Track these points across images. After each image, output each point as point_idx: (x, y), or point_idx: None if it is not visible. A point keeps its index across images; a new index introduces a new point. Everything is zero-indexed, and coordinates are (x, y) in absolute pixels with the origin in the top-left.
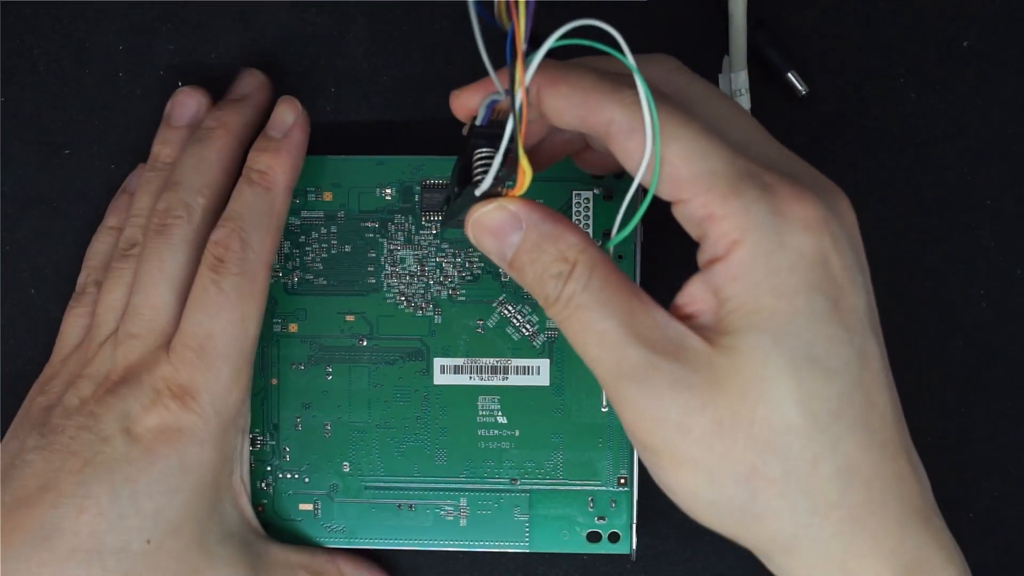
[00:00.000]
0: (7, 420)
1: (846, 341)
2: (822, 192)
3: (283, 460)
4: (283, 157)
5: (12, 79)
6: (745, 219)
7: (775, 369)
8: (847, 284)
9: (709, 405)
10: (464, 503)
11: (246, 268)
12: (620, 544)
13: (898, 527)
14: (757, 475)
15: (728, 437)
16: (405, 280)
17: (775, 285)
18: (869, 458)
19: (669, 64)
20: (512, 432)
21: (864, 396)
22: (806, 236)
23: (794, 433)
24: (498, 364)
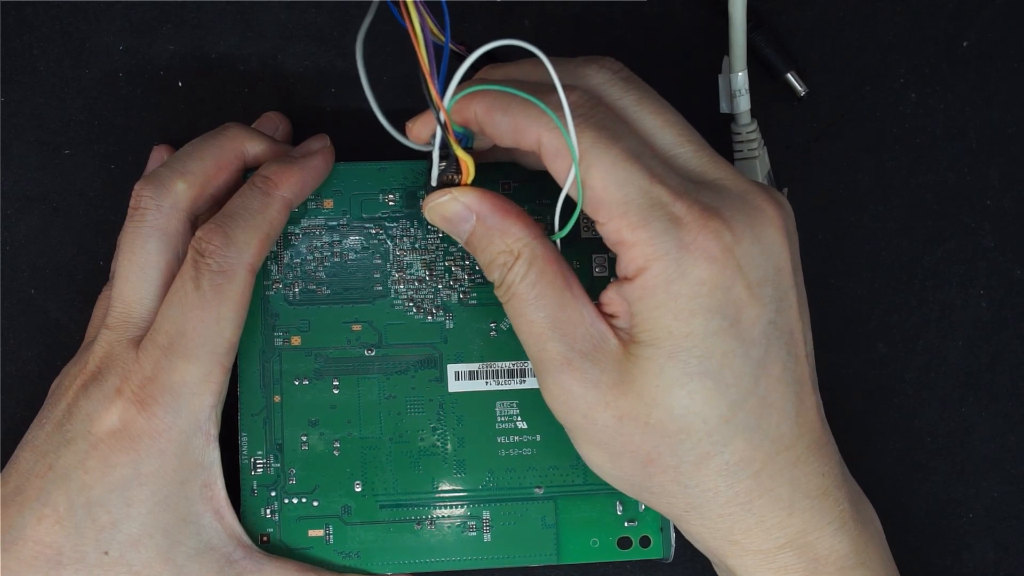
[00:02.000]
0: (7, 420)
1: (741, 355)
2: (740, 210)
3: (289, 484)
4: (294, 172)
5: (12, 79)
6: (651, 249)
7: (668, 380)
8: (750, 302)
9: (612, 403)
10: (487, 516)
11: (226, 266)
12: (652, 549)
13: (786, 507)
14: (652, 463)
15: (627, 430)
16: (413, 286)
17: (674, 309)
18: (760, 453)
19: (606, 74)
20: (533, 437)
21: (759, 400)
22: (707, 266)
23: (684, 434)
24: (515, 367)
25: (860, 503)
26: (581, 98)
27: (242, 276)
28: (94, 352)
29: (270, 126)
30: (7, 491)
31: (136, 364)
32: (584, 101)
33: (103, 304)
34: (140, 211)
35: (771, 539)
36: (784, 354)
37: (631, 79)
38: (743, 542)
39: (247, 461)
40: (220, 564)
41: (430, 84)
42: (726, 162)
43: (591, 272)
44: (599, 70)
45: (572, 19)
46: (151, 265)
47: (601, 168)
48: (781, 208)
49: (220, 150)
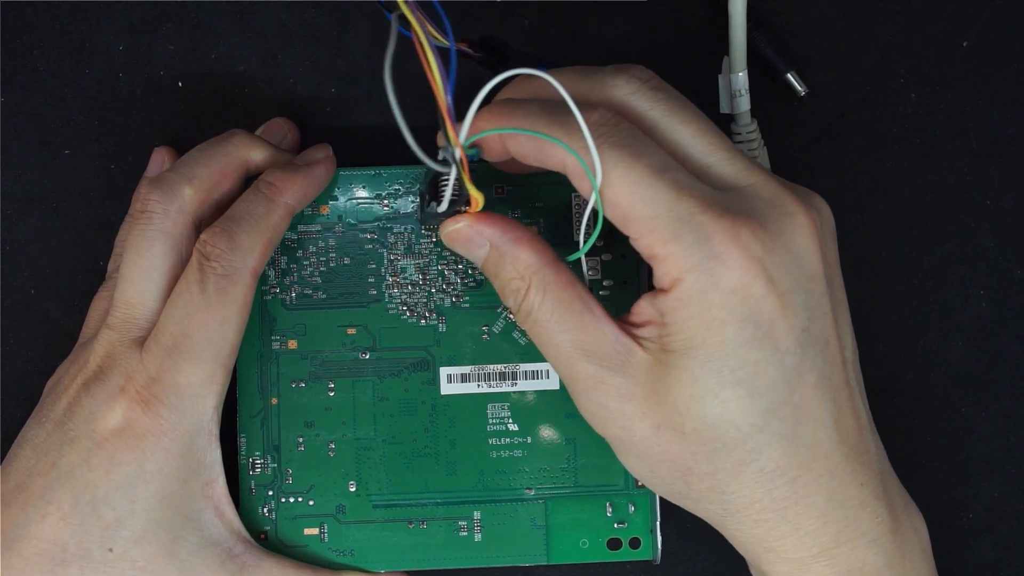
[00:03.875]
0: (7, 420)
1: (775, 363)
2: (772, 218)
3: (285, 483)
4: (298, 179)
5: (12, 79)
6: (683, 262)
7: (702, 389)
8: (782, 310)
9: (648, 414)
10: (478, 517)
11: (231, 269)
12: (642, 550)
13: (820, 516)
14: (690, 471)
15: (665, 440)
16: (407, 290)
17: (707, 319)
18: (795, 460)
19: (634, 83)
20: (524, 439)
21: (794, 408)
22: (739, 276)
23: (719, 443)
24: (506, 370)
25: (905, 514)
26: (603, 117)
27: (246, 280)
28: (95, 351)
29: (278, 132)
30: (8, 489)
31: (140, 364)
32: (606, 120)
33: (99, 304)
34: (147, 214)
35: (805, 548)
36: (820, 362)
37: (661, 87)
38: (778, 549)
39: (245, 461)
40: (222, 559)
41: (447, 123)
42: (760, 167)
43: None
44: (628, 80)
45: (572, 19)
46: (155, 268)
47: (626, 186)
48: (815, 214)
49: (226, 157)
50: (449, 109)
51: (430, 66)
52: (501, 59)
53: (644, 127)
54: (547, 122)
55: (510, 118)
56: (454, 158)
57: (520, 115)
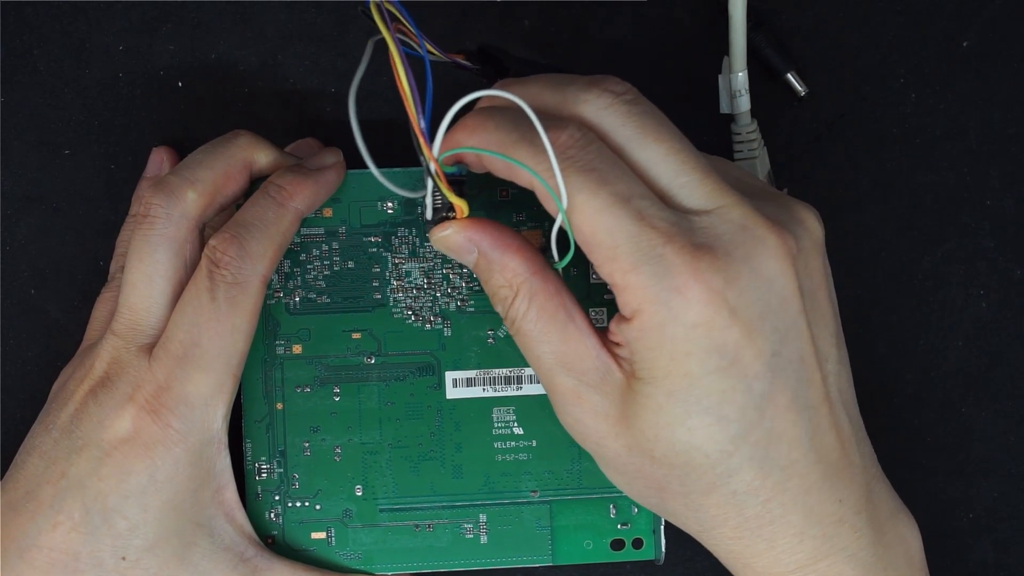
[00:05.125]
0: (7, 420)
1: (743, 390)
2: (739, 245)
3: (292, 488)
4: (308, 183)
5: (12, 79)
6: (642, 293)
7: (668, 417)
8: (748, 338)
9: (621, 435)
10: (483, 519)
11: (241, 278)
12: (644, 550)
13: (797, 534)
14: (663, 489)
15: (637, 460)
16: (412, 294)
17: (670, 351)
18: (768, 482)
19: (606, 97)
20: (529, 443)
21: (765, 431)
22: (699, 310)
23: (688, 468)
24: (511, 374)
25: (891, 523)
26: (571, 138)
27: (255, 287)
28: (100, 357)
29: (306, 151)
30: (16, 497)
31: (148, 372)
32: (574, 142)
33: (103, 306)
34: (150, 219)
35: (781, 564)
36: (794, 382)
37: (635, 102)
38: (755, 565)
39: (251, 466)
40: (234, 563)
41: (420, 138)
42: (731, 189)
43: (589, 278)
44: (600, 94)
45: (572, 19)
46: (160, 274)
47: (589, 214)
48: (788, 234)
49: (230, 159)
50: (420, 125)
51: (401, 81)
52: (499, 69)
53: (613, 144)
54: (516, 139)
55: (482, 133)
56: (429, 171)
57: (491, 130)
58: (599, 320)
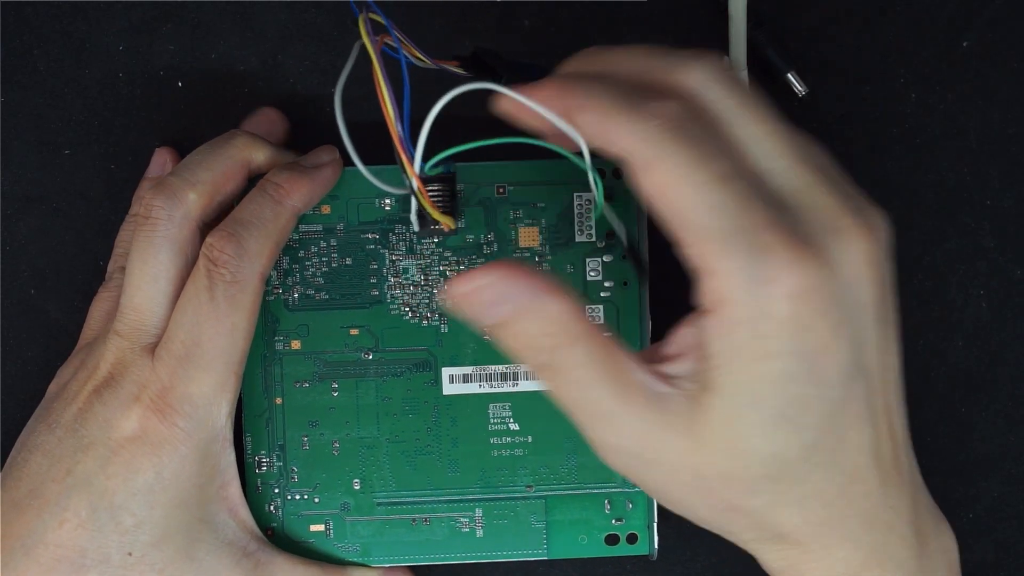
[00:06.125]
0: (7, 420)
1: (817, 397)
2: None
3: (291, 481)
4: (305, 181)
5: (12, 79)
6: (734, 281)
7: (748, 427)
8: (830, 343)
9: (688, 464)
10: (479, 514)
11: (240, 276)
12: (639, 545)
13: (852, 539)
14: (732, 509)
15: (707, 484)
16: (409, 290)
17: (754, 350)
18: (832, 487)
19: (709, 71)
20: (525, 439)
21: (836, 439)
22: (791, 305)
23: (763, 480)
24: (507, 370)
25: (934, 534)
26: (677, 109)
27: (254, 285)
28: (104, 358)
29: (266, 123)
30: (20, 495)
31: (153, 373)
32: (680, 113)
33: (100, 305)
34: (152, 220)
35: (834, 572)
36: (864, 391)
37: (733, 81)
38: (808, 573)
39: (251, 460)
40: (237, 557)
41: (401, 154)
42: (824, 179)
43: (584, 276)
44: (704, 67)
45: (572, 19)
46: (163, 275)
47: (687, 190)
48: (876, 237)
49: (228, 159)
50: (402, 139)
51: (382, 93)
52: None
53: (710, 118)
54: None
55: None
56: (412, 189)
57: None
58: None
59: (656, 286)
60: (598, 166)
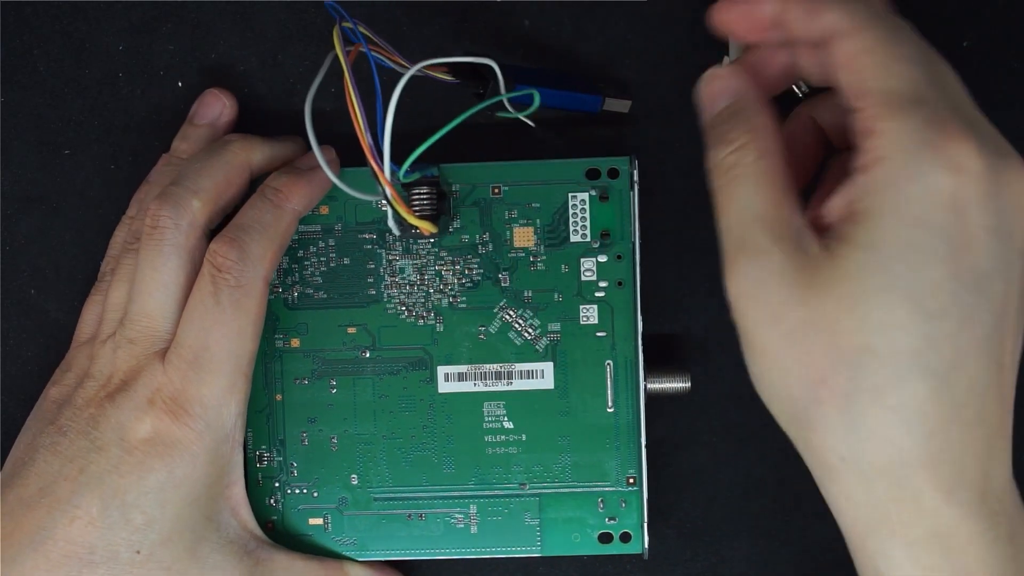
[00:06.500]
0: (7, 420)
1: (950, 292)
2: (1002, 156)
3: (291, 475)
4: (303, 184)
5: (12, 79)
6: (897, 139)
7: (873, 289)
8: (977, 241)
9: (805, 303)
10: (474, 510)
11: (243, 281)
12: (632, 544)
13: (945, 491)
14: (824, 384)
15: (811, 338)
16: (405, 290)
17: (900, 211)
18: (937, 412)
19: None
20: (519, 437)
21: (956, 351)
22: (949, 178)
23: (869, 355)
24: (502, 369)
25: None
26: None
27: (258, 288)
28: (117, 365)
29: (215, 105)
30: (29, 493)
31: (165, 377)
32: (884, 5)
33: (93, 308)
34: (159, 230)
35: (922, 525)
36: (993, 319)
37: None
38: (894, 521)
39: (252, 455)
40: (239, 555)
41: (372, 164)
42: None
43: (579, 276)
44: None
45: (572, 19)
46: (172, 282)
47: (880, 40)
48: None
49: (229, 165)
50: (371, 148)
51: (352, 104)
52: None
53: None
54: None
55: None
56: (386, 196)
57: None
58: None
59: (649, 287)
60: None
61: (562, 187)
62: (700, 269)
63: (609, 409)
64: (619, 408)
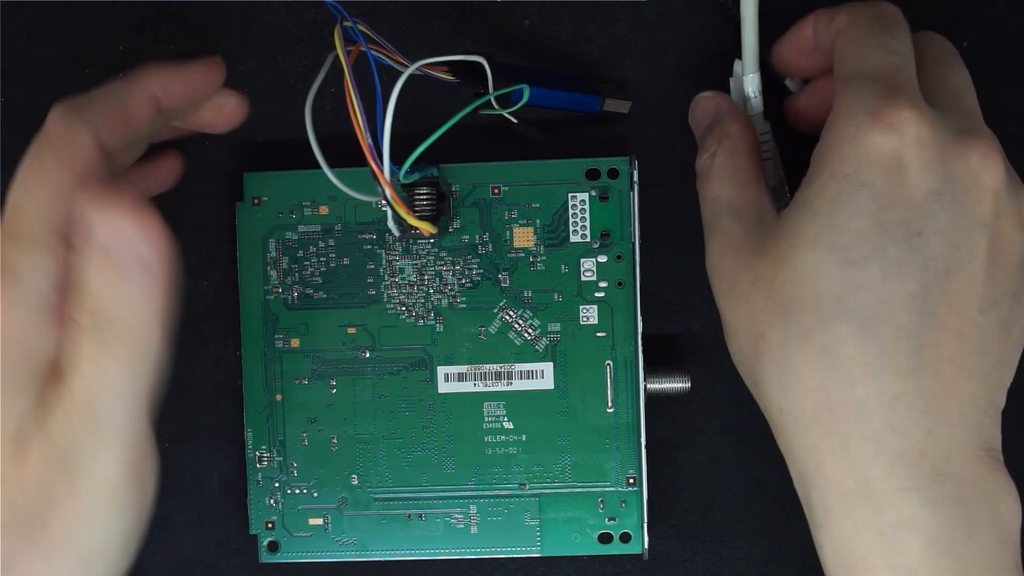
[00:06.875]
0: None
1: (875, 243)
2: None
3: (291, 476)
4: (166, 69)
5: (12, 79)
6: (845, 108)
7: (802, 242)
8: (913, 201)
9: (751, 266)
10: (474, 510)
11: (65, 137)
12: (632, 544)
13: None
14: (763, 339)
15: (752, 296)
16: (405, 290)
17: (834, 171)
18: (860, 355)
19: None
20: (519, 437)
21: (876, 299)
22: (881, 138)
23: (796, 304)
24: (502, 370)
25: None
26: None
27: (83, 146)
28: None
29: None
30: None
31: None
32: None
33: None
34: (49, 135)
35: (852, 477)
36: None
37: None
38: (828, 471)
39: (252, 455)
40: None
41: (371, 164)
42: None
43: (579, 276)
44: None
45: (572, 19)
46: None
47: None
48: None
49: (135, 87)
50: (371, 149)
51: (352, 104)
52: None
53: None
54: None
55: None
56: (385, 198)
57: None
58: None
59: (649, 287)
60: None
61: (562, 187)
62: (700, 269)
63: (609, 409)
64: (619, 408)
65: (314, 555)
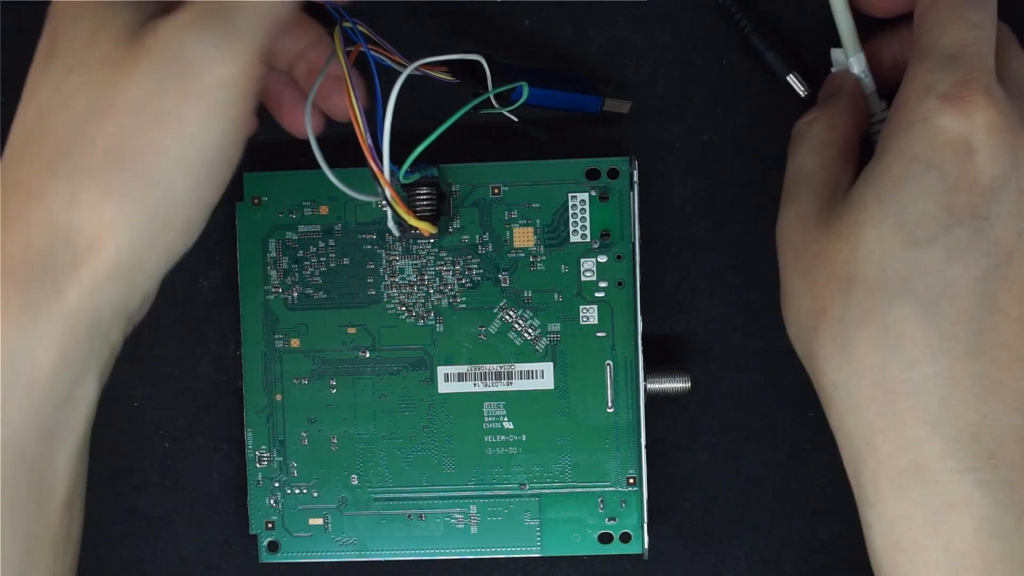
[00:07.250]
0: None
1: (941, 225)
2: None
3: (291, 476)
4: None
5: (12, 79)
6: (918, 87)
7: (867, 220)
8: (980, 186)
9: (818, 240)
10: (474, 510)
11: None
12: (632, 544)
13: (929, 423)
14: (823, 314)
15: (817, 270)
16: (405, 290)
17: (903, 151)
18: (921, 337)
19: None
20: (519, 437)
21: (939, 281)
22: (953, 120)
23: (859, 281)
24: (502, 370)
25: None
26: None
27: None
28: None
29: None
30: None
31: None
32: None
33: None
34: None
35: (906, 457)
36: (991, 262)
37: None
38: (881, 450)
39: (252, 455)
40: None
41: (372, 164)
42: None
43: (579, 276)
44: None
45: (572, 19)
46: None
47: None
48: None
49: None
50: (371, 150)
51: (351, 105)
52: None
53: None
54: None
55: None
56: (385, 198)
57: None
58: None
59: (649, 287)
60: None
61: (562, 187)
62: (700, 269)
63: (609, 409)
64: (619, 408)
65: (314, 555)
